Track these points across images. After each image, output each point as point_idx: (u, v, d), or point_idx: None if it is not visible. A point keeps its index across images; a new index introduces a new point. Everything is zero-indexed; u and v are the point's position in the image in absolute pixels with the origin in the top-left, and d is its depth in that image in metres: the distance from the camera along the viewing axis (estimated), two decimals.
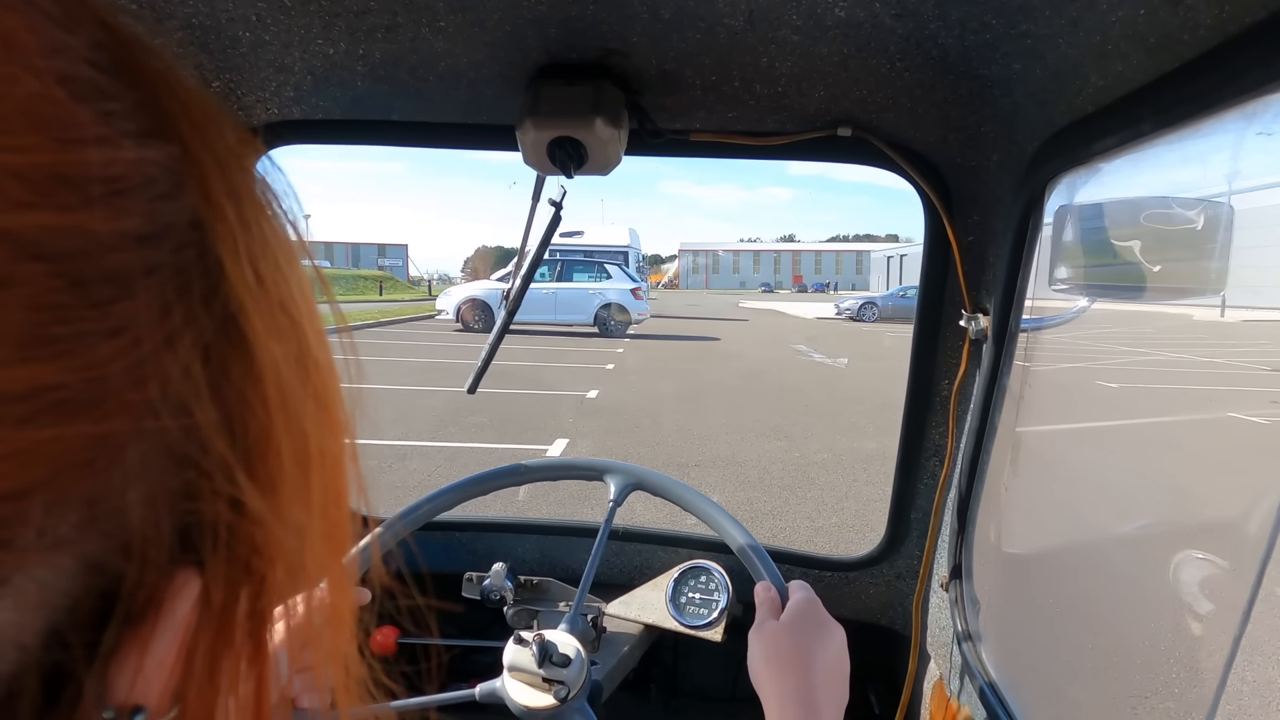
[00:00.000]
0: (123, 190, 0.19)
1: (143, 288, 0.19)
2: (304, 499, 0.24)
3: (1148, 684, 1.77)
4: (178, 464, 0.21)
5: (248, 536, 0.23)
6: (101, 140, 0.19)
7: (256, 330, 0.22)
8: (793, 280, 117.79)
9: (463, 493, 0.99)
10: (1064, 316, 0.94)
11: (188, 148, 0.21)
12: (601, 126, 0.76)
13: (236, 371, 0.22)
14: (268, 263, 0.23)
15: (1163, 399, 6.45)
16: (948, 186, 0.92)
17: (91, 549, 0.20)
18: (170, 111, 0.21)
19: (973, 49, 0.67)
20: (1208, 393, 6.79)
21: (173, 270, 0.20)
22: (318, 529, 0.25)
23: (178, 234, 0.21)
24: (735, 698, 1.33)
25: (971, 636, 0.97)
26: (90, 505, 0.19)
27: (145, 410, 0.19)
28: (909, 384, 1.07)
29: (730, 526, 0.92)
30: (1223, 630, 1.67)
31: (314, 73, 0.81)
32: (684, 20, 0.66)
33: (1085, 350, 6.97)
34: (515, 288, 1.03)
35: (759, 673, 0.67)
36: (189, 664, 0.22)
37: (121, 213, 0.19)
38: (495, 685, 0.85)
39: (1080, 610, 1.66)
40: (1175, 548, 2.34)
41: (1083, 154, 0.66)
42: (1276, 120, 0.45)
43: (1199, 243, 0.68)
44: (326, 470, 0.25)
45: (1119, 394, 6.40)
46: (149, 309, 0.19)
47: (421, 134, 0.97)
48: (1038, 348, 0.91)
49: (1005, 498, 0.98)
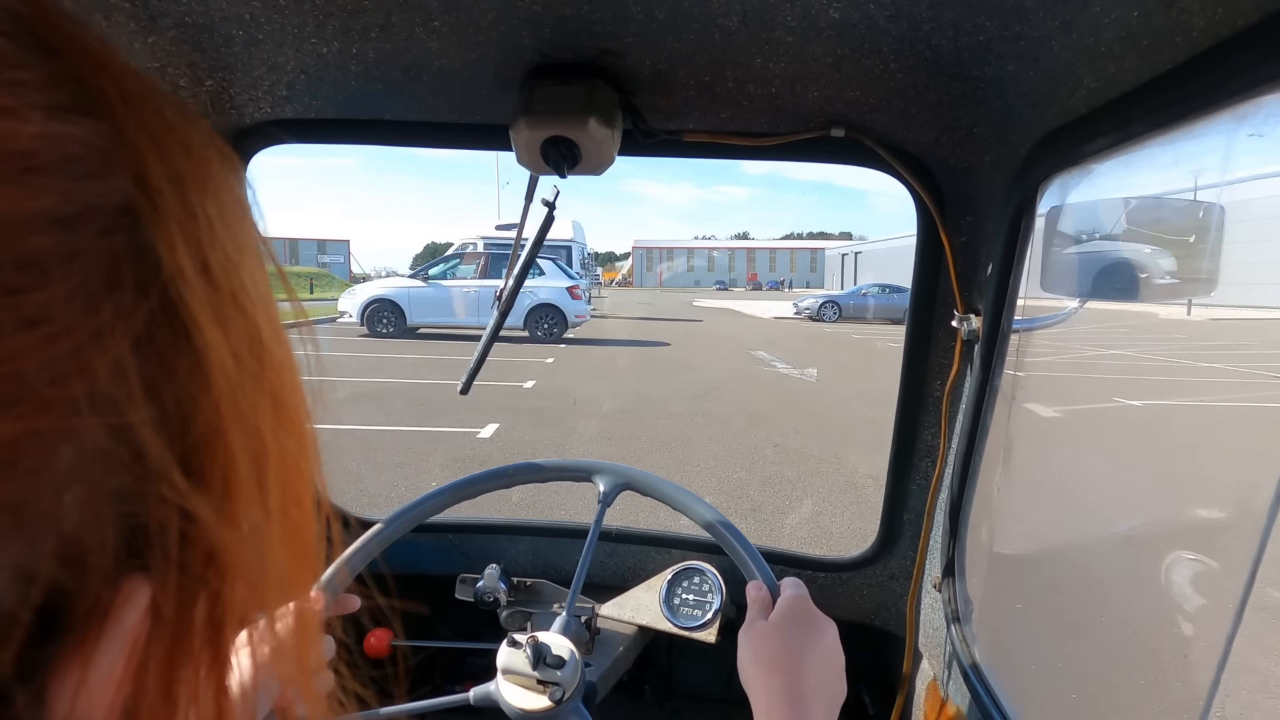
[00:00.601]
0: (33, 167, 0.18)
1: (61, 275, 0.18)
2: (260, 501, 0.23)
3: (1140, 681, 1.76)
4: (116, 466, 0.20)
5: (199, 541, 0.21)
6: (6, 111, 0.17)
7: (201, 323, 0.21)
8: (747, 278, 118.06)
9: (451, 496, 0.99)
10: (1056, 317, 0.94)
11: (119, 126, 0.20)
12: (595, 126, 0.76)
13: (180, 367, 0.20)
14: (216, 252, 0.21)
15: (1135, 393, 6.50)
16: (940, 187, 0.92)
17: (18, 558, 0.18)
18: (98, 87, 0.20)
19: (966, 50, 0.68)
20: (1175, 384, 6.96)
21: (98, 257, 0.19)
22: (276, 532, 0.24)
23: (104, 218, 0.19)
24: (729, 699, 1.34)
25: (965, 636, 0.98)
26: (12, 510, 0.18)
27: (69, 408, 0.18)
28: (901, 385, 1.07)
29: (722, 526, 0.91)
30: (1216, 630, 1.67)
31: (307, 71, 0.81)
32: (678, 20, 0.66)
33: (1070, 349, 6.94)
34: (508, 288, 1.04)
35: (747, 673, 0.67)
36: (140, 677, 0.21)
37: (33, 191, 0.18)
38: (489, 688, 0.85)
39: (1073, 610, 1.72)
40: (1166, 547, 2.48)
41: (1075, 155, 0.66)
42: (1268, 122, 0.46)
43: (1190, 243, 0.69)
44: (285, 470, 0.24)
45: (1097, 388, 6.42)
46: (70, 299, 0.18)
47: (414, 133, 0.98)
48: (1030, 348, 0.91)
49: (997, 498, 0.98)
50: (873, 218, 64.58)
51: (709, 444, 6.32)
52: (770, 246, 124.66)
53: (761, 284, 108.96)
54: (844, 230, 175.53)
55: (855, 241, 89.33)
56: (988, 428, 0.93)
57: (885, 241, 64.02)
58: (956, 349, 0.96)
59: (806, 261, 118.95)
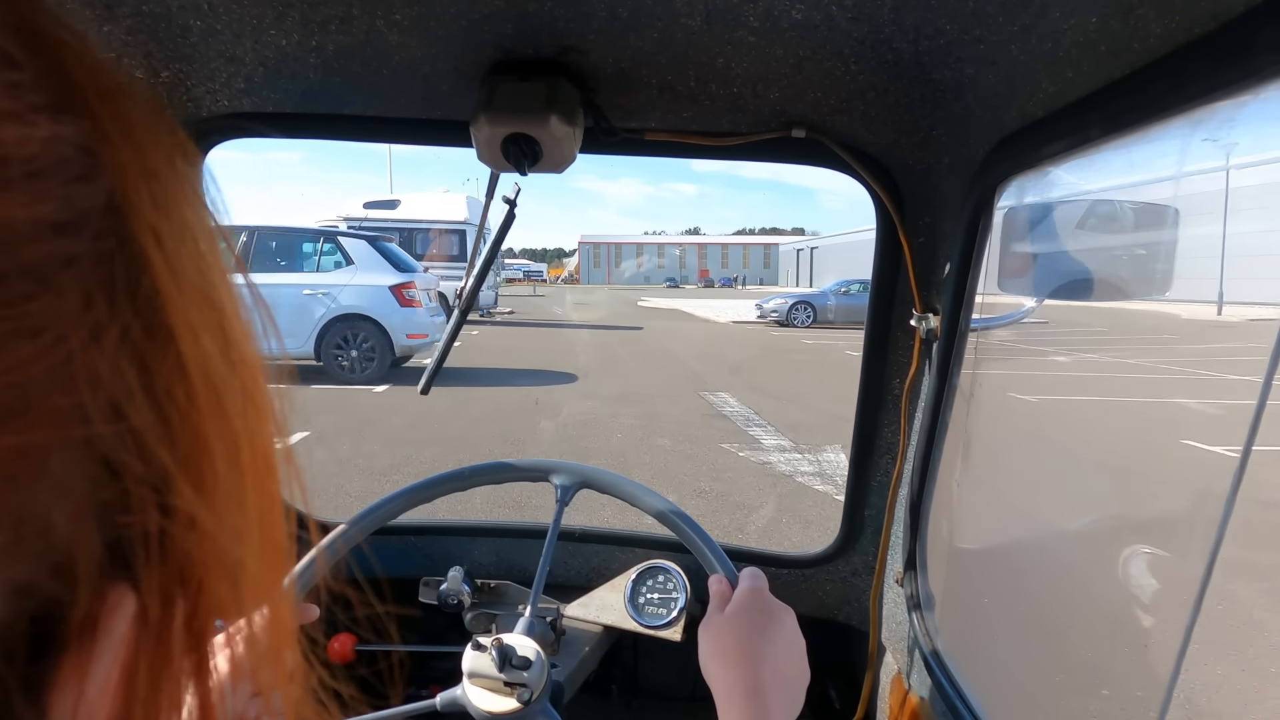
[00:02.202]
0: (37, 172, 0.17)
1: (64, 281, 0.18)
2: (239, 501, 0.23)
3: (1100, 668, 1.79)
4: (107, 472, 0.19)
5: (183, 545, 0.21)
6: (10, 116, 0.17)
7: (180, 323, 0.20)
8: (699, 275, 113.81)
9: (405, 501, 0.97)
10: (1013, 316, 0.96)
11: (98, 123, 0.19)
12: (557, 124, 0.76)
13: (163, 368, 0.20)
14: (188, 249, 0.21)
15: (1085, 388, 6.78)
16: (899, 188, 0.93)
17: (19, 574, 0.18)
18: (78, 82, 0.19)
19: (926, 53, 0.68)
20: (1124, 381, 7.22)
21: (94, 260, 0.19)
22: (255, 532, 0.23)
23: (96, 220, 0.19)
24: (696, 697, 1.33)
25: (927, 629, 0.99)
26: (16, 526, 0.17)
27: (75, 416, 0.18)
28: (861, 383, 1.08)
29: (681, 521, 0.92)
30: (1175, 616, 1.75)
31: (265, 64, 0.79)
32: (641, 19, 0.66)
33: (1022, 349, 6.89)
34: (468, 286, 1.02)
35: (706, 666, 0.67)
36: (131, 686, 0.21)
37: (38, 198, 0.17)
38: (456, 693, 0.84)
39: (1032, 600, 1.72)
40: (1122, 538, 2.58)
41: (1033, 157, 0.67)
42: (1222, 127, 0.48)
43: (1145, 244, 0.70)
44: (258, 469, 0.24)
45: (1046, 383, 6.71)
46: (72, 304, 0.18)
47: (374, 129, 0.96)
48: (987, 346, 0.93)
49: (957, 493, 1.00)
50: (823, 214, 62.87)
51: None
52: (722, 242, 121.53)
53: (714, 281, 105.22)
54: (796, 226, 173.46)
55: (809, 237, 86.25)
56: (947, 424, 0.95)
57: (841, 236, 60.98)
58: (915, 347, 0.98)
59: (760, 257, 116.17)
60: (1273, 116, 0.47)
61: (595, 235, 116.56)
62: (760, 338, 16.58)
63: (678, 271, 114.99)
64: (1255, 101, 0.41)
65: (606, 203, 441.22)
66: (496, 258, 1.04)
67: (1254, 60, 0.40)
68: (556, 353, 12.65)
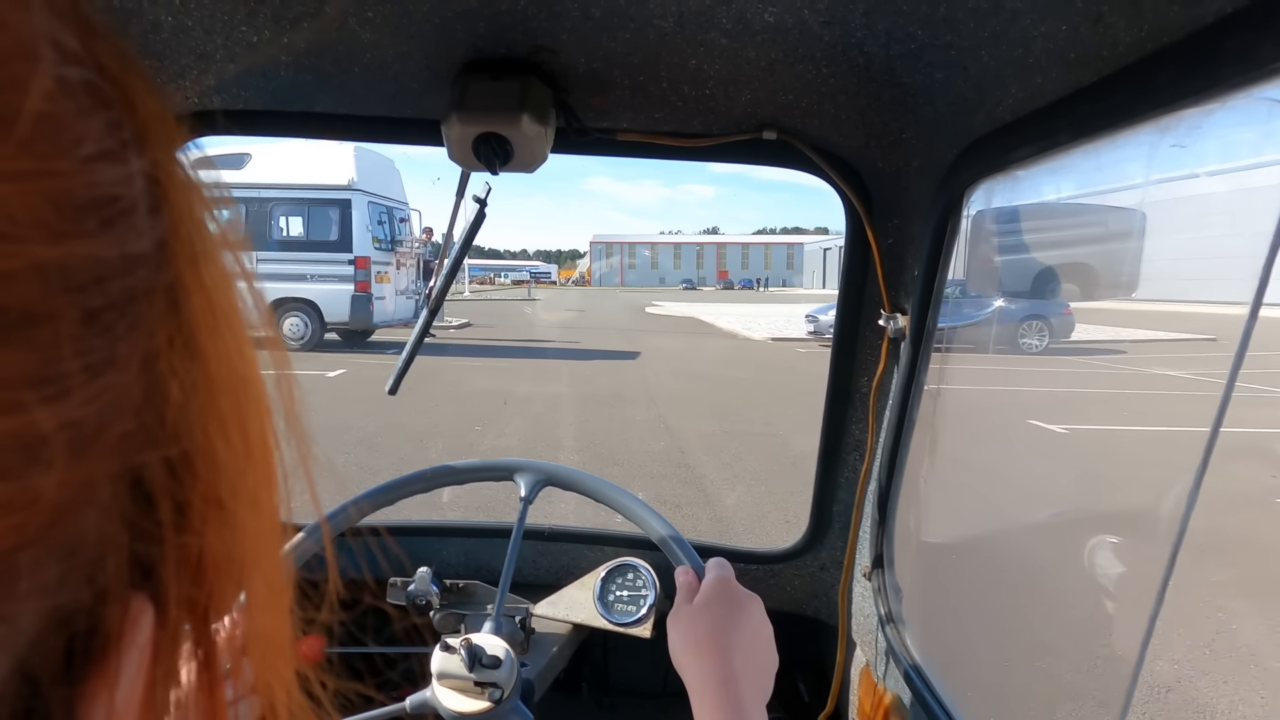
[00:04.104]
0: (128, 209, 0.18)
1: (138, 312, 0.18)
2: (254, 511, 0.23)
3: (1065, 656, 1.83)
4: (138, 489, 0.20)
5: (201, 555, 0.22)
6: (110, 156, 0.17)
7: (210, 344, 0.21)
8: (717, 276, 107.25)
9: (370, 504, 0.96)
10: (979, 316, 0.97)
11: (155, 156, 0.19)
12: (528, 123, 0.75)
13: (197, 390, 0.21)
14: (214, 267, 0.21)
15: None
16: (868, 190, 0.93)
17: (66, 598, 0.18)
18: (150, 114, 0.19)
19: (897, 58, 0.68)
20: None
21: (161, 290, 0.19)
22: (267, 534, 0.24)
23: (161, 251, 0.19)
24: (667, 692, 1.33)
25: (895, 622, 1.00)
26: (72, 555, 0.18)
27: (138, 441, 0.19)
28: (829, 381, 1.09)
29: (647, 515, 0.92)
30: (1137, 605, 1.73)
31: (236, 61, 0.77)
32: (614, 20, 0.65)
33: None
34: (438, 286, 1.00)
35: (678, 657, 0.67)
36: (152, 694, 0.21)
37: (129, 234, 0.18)
38: (426, 695, 0.84)
39: (999, 593, 1.75)
40: (1084, 529, 2.62)
41: (1001, 161, 0.68)
42: (1190, 134, 0.48)
43: (1111, 247, 0.70)
44: (268, 481, 0.24)
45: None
46: (144, 334, 0.19)
47: (345, 127, 0.95)
48: (953, 346, 0.93)
49: (923, 489, 1.01)
50: (843, 214, 59.66)
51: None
52: (743, 241, 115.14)
53: (733, 282, 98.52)
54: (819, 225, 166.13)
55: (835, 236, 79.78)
56: (914, 422, 0.96)
57: None
58: (883, 346, 0.99)
59: (783, 257, 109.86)
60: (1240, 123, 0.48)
61: (607, 235, 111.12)
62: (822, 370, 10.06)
63: (695, 272, 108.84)
64: (1222, 109, 0.43)
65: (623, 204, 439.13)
66: (464, 258, 1.01)
67: (1220, 69, 0.41)
68: (432, 434, 6.16)
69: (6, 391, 0.15)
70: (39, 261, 0.15)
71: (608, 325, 19.89)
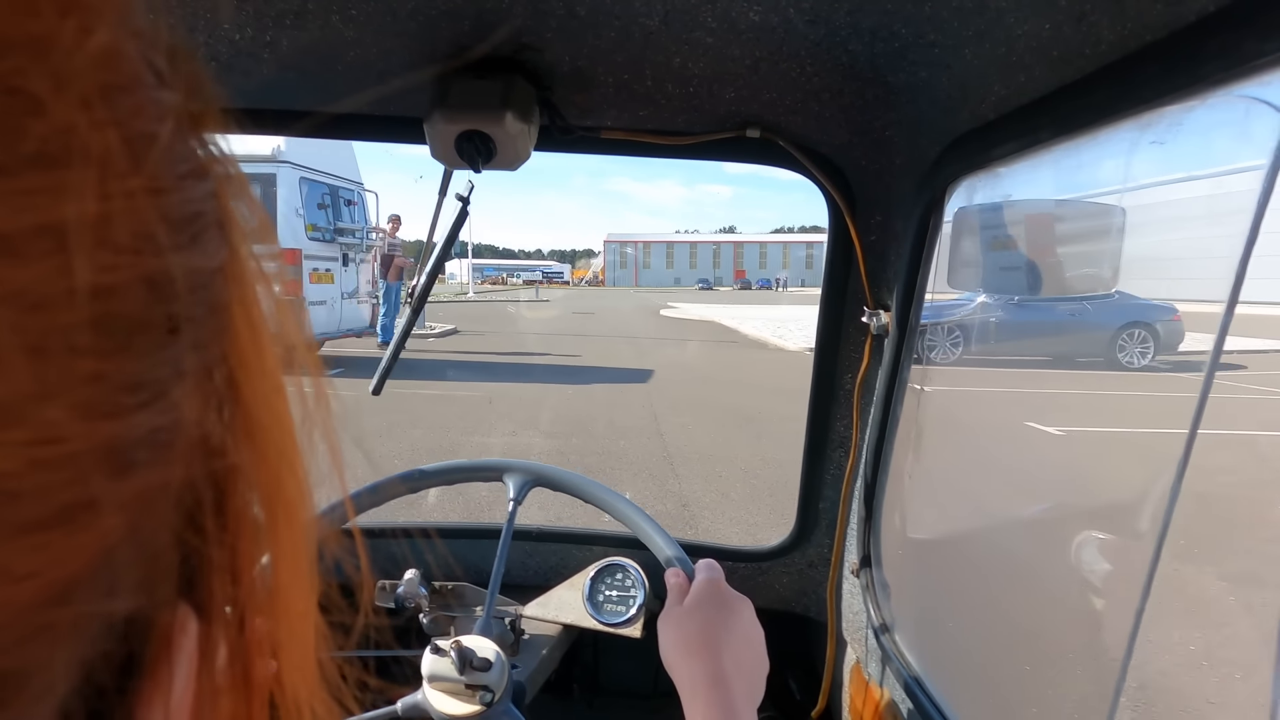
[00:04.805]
0: (208, 225, 0.19)
1: (207, 325, 0.19)
2: (289, 517, 0.24)
3: (1054, 651, 1.78)
4: (184, 490, 0.20)
5: (237, 564, 0.22)
6: (196, 174, 0.18)
7: (248, 356, 0.21)
8: (734, 275, 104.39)
9: (355, 505, 0.95)
10: (957, 312, 1.01)
11: (218, 173, 0.20)
12: (511, 121, 0.75)
13: (239, 400, 0.21)
14: (259, 284, 0.22)
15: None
16: (851, 188, 0.94)
17: (136, 605, 0.18)
18: (210, 132, 0.20)
19: (881, 56, 0.69)
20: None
21: (224, 305, 0.20)
22: (301, 543, 0.25)
23: (225, 266, 0.20)
24: (658, 692, 1.33)
25: (884, 620, 1.00)
26: (152, 561, 0.18)
27: (203, 451, 0.19)
28: (813, 377, 1.09)
29: (636, 516, 0.92)
30: (1124, 599, 1.68)
31: (218, 59, 0.77)
32: (599, 17, 0.65)
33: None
34: (421, 284, 1.00)
35: (669, 659, 0.67)
36: (200, 701, 0.21)
37: (209, 248, 0.19)
38: (417, 698, 0.83)
39: (986, 587, 1.74)
40: (1070, 524, 2.49)
41: (984, 158, 0.68)
42: (1170, 131, 0.48)
43: (1092, 244, 0.70)
44: (299, 479, 0.24)
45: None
46: (209, 346, 0.19)
47: (328, 125, 0.96)
48: (935, 342, 0.92)
49: (909, 484, 1.01)
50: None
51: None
52: (760, 239, 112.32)
53: (750, 282, 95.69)
54: None
55: None
56: (898, 418, 0.96)
57: None
58: (867, 343, 0.99)
59: (802, 256, 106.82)
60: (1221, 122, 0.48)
61: (622, 234, 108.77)
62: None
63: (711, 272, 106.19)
64: (1203, 107, 0.43)
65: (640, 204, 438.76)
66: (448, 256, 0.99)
67: (1202, 67, 0.41)
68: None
69: (114, 395, 0.15)
70: (148, 273, 0.16)
71: (617, 332, 17.28)
